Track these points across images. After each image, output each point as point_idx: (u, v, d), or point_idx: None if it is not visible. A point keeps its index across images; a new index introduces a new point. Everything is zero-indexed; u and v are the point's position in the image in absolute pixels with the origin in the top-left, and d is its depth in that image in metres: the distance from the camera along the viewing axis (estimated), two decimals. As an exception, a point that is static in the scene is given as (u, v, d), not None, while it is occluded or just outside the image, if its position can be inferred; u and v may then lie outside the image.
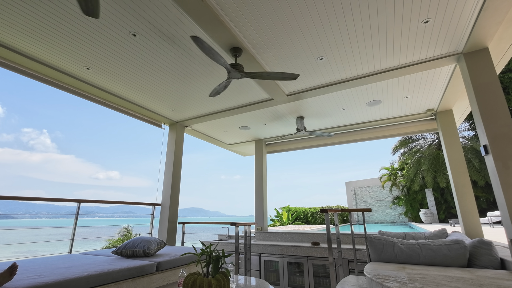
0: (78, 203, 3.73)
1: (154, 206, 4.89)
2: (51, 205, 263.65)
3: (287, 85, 3.96)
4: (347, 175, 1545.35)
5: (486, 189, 13.27)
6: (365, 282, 2.44)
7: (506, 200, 2.52)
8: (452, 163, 4.40)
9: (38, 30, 2.72)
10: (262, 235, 5.73)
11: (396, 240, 2.48)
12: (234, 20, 2.62)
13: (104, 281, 2.19)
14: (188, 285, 1.67)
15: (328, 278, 4.31)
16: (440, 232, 3.02)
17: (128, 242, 3.05)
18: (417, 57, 3.27)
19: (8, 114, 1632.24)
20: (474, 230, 3.99)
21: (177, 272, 2.94)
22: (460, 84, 3.82)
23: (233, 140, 6.78)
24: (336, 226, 3.56)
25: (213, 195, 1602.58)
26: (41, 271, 2.11)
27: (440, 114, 4.77)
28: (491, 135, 2.74)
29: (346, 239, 4.77)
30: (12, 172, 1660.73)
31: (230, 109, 4.74)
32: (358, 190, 18.36)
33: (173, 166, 5.08)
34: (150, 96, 4.23)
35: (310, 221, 16.10)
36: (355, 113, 5.05)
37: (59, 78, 3.58)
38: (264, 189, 6.28)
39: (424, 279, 1.73)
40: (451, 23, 2.70)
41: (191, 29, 2.73)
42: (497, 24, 2.61)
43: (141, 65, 3.38)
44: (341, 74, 3.65)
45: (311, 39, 2.91)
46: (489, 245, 2.17)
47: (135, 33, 2.79)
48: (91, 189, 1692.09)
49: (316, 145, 6.39)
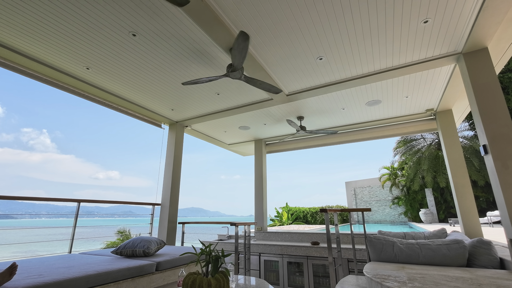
0: (78, 203, 3.73)
1: (154, 206, 4.89)
2: (51, 205, 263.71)
3: (287, 85, 3.96)
4: (347, 175, 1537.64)
5: (486, 189, 13.27)
6: (365, 281, 2.44)
7: (505, 200, 2.53)
8: (452, 163, 4.40)
9: (38, 30, 2.72)
10: (262, 235, 5.73)
11: (396, 239, 2.48)
12: (233, 20, 2.62)
13: (103, 280, 2.19)
14: (187, 284, 1.67)
15: (328, 278, 4.31)
16: (440, 232, 3.02)
17: (128, 242, 3.05)
18: (417, 57, 3.27)
19: (8, 114, 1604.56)
20: (474, 230, 3.99)
21: (176, 272, 2.94)
22: (460, 84, 3.82)
23: (233, 140, 6.78)
24: (335, 226, 3.56)
25: (213, 195, 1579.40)
26: (41, 271, 2.11)
27: (440, 114, 4.77)
28: (490, 135, 2.74)
29: (346, 239, 4.77)
30: (12, 172, 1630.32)
31: (230, 109, 4.75)
32: (358, 190, 18.36)
33: (173, 166, 5.08)
34: (150, 96, 4.23)
35: (310, 221, 16.10)
36: (355, 113, 5.05)
37: (58, 78, 3.58)
38: (264, 189, 6.28)
39: (423, 279, 1.73)
40: (451, 23, 2.70)
41: (190, 29, 2.73)
42: (496, 24, 2.61)
43: (141, 65, 3.38)
44: (341, 74, 3.66)
45: (310, 39, 2.91)
46: (489, 244, 2.18)
47: (135, 33, 2.79)
48: (91, 189, 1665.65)
49: (316, 145, 6.39)
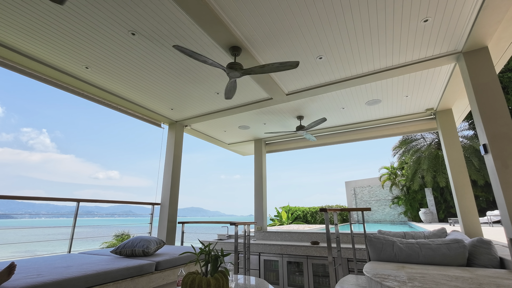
0: (77, 203, 3.73)
1: (153, 206, 4.89)
2: (50, 205, 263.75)
3: (287, 84, 3.95)
4: (347, 175, 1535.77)
5: (486, 189, 13.27)
6: (365, 281, 2.43)
7: (505, 199, 2.52)
8: (452, 162, 4.40)
9: (37, 28, 2.71)
10: (261, 235, 5.72)
11: (396, 239, 2.48)
12: (233, 19, 2.61)
13: (103, 280, 2.19)
14: (187, 284, 1.67)
15: (328, 278, 4.31)
16: (440, 232, 3.02)
17: (127, 242, 3.04)
18: (417, 56, 3.26)
19: (8, 114, 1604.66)
20: (474, 229, 3.99)
21: (176, 272, 2.93)
22: (460, 83, 3.81)
23: (232, 139, 6.78)
24: (335, 225, 3.56)
25: (213, 194, 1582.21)
26: (40, 271, 2.10)
27: (440, 113, 4.77)
28: (490, 134, 2.73)
29: (346, 238, 4.77)
30: (11, 171, 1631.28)
31: (230, 108, 4.74)
32: (358, 189, 18.35)
33: (173, 165, 5.07)
34: (149, 95, 4.22)
35: (309, 220, 16.10)
36: (355, 112, 5.05)
37: (58, 77, 3.57)
38: (264, 188, 6.27)
39: (423, 278, 1.73)
40: (451, 22, 2.69)
41: (190, 27, 2.73)
42: (496, 23, 2.60)
43: (140, 64, 3.37)
44: (341, 73, 3.65)
45: (310, 38, 2.91)
46: (489, 244, 2.17)
47: (134, 32, 2.78)
48: (91, 189, 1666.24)
49: (316, 144, 6.38)
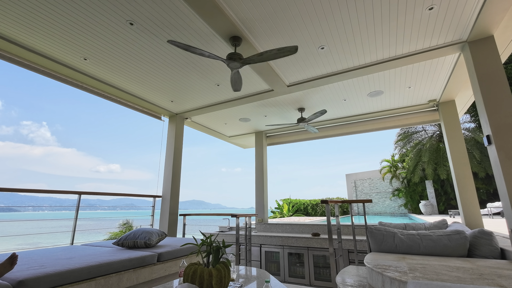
0: (79, 195, 3.74)
1: (155, 198, 4.91)
2: (53, 198, 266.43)
3: (288, 76, 3.90)
4: (348, 167, 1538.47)
5: (486, 181, 13.28)
6: (365, 272, 2.45)
7: (508, 190, 2.51)
8: (454, 154, 4.37)
9: (34, 19, 2.66)
10: (262, 227, 5.76)
11: (397, 230, 2.48)
12: (233, 8, 2.55)
13: (105, 271, 2.20)
14: (188, 275, 1.67)
15: (328, 269, 4.35)
16: (440, 223, 3.02)
17: (130, 234, 3.06)
18: (421, 46, 3.20)
19: (7, 107, 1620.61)
20: (475, 221, 3.99)
21: (178, 263, 2.96)
22: (464, 74, 3.75)
23: (233, 132, 6.75)
24: (336, 217, 3.56)
25: (214, 187, 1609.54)
26: (43, 262, 2.11)
27: (443, 104, 4.72)
28: (494, 125, 2.70)
29: (346, 230, 4.79)
30: (13, 165, 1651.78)
31: (230, 100, 4.70)
32: (359, 182, 18.38)
33: (173, 158, 5.07)
34: (149, 88, 4.18)
35: (310, 213, 16.19)
36: (356, 104, 5.00)
37: (56, 69, 3.53)
38: (265, 181, 6.28)
39: (424, 269, 1.73)
40: (457, 9, 2.62)
41: (189, 17, 2.67)
42: (503, 11, 2.54)
43: (138, 55, 3.32)
44: (343, 64, 3.59)
45: (312, 27, 2.85)
46: (490, 235, 2.17)
47: (132, 21, 2.73)
48: (93, 182, 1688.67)
49: (316, 137, 6.36)
